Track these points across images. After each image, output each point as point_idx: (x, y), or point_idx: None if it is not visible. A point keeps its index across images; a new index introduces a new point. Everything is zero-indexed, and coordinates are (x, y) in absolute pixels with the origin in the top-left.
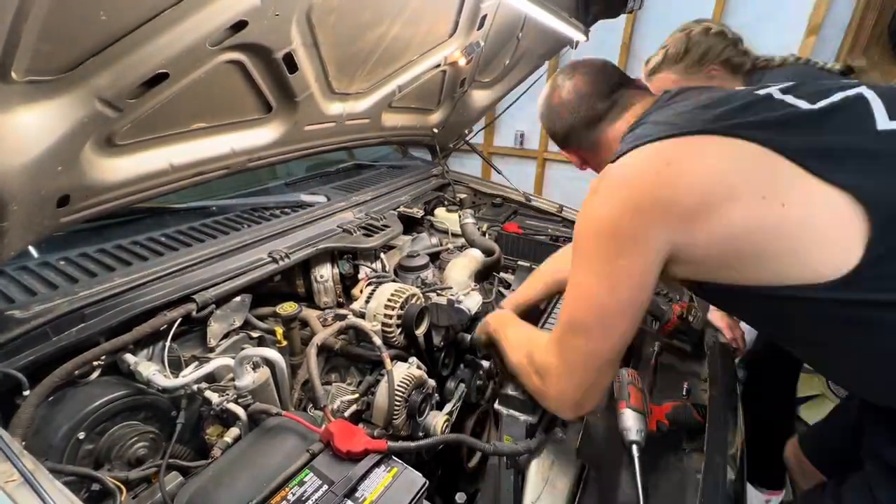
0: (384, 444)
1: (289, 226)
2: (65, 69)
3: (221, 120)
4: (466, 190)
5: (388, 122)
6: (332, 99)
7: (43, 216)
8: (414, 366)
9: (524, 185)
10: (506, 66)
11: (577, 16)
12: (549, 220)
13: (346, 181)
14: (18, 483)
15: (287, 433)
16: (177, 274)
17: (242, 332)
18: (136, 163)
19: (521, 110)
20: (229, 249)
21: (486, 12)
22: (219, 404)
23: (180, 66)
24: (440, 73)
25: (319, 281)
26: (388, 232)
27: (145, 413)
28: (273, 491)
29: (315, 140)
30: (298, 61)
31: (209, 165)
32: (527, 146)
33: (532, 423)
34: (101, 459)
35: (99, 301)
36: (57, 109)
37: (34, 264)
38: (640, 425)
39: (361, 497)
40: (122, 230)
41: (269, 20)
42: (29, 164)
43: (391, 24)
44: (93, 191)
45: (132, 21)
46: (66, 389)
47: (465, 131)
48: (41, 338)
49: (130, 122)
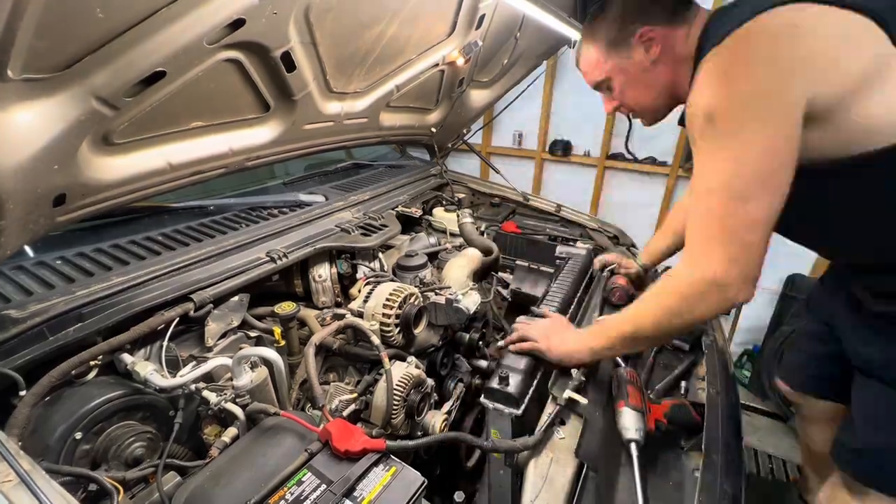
0: (382, 443)
1: (287, 225)
2: (61, 67)
3: (219, 119)
4: (465, 189)
5: (386, 121)
6: (330, 98)
7: (39, 215)
8: (412, 365)
9: (522, 185)
10: (504, 65)
11: (576, 15)
12: (548, 220)
13: (344, 181)
14: (14, 484)
15: (285, 433)
16: (174, 273)
17: (240, 331)
18: (133, 162)
19: (519, 110)
20: (227, 249)
21: (485, 12)
22: (217, 404)
23: (178, 65)
24: (438, 72)
25: (318, 280)
26: (387, 231)
27: (143, 413)
28: (271, 490)
29: (313, 139)
30: (296, 60)
31: (207, 164)
32: (525, 146)
33: (517, 416)
34: (99, 460)
35: (96, 300)
36: (53, 107)
37: (31, 264)
38: (638, 424)
39: (360, 496)
40: (120, 229)
41: (266, 18)
42: (25, 163)
43: (389, 23)
44: (89, 190)
45: (129, 18)
46: (63, 389)
47: (463, 131)
48: (38, 337)
49: (128, 121)
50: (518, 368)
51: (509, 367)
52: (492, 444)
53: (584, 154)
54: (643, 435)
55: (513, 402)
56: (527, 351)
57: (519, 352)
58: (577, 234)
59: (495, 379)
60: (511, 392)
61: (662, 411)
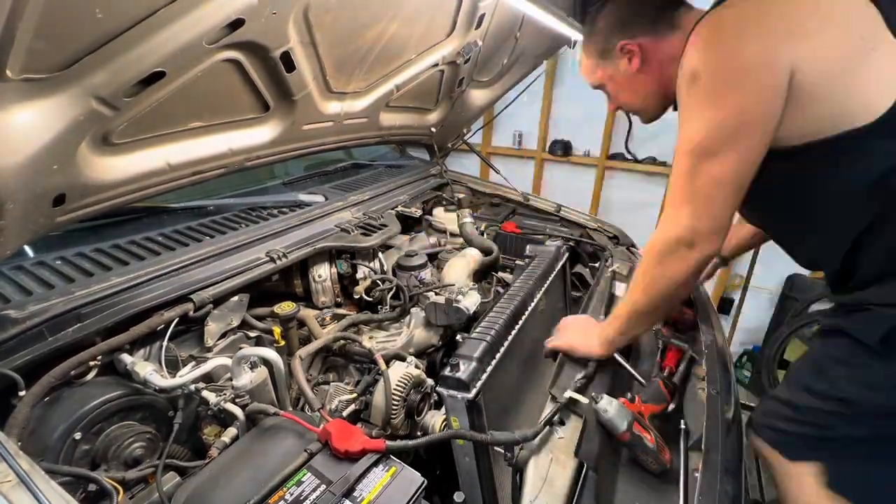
0: (382, 443)
1: (286, 225)
2: (60, 67)
3: (219, 119)
4: (465, 189)
5: (385, 121)
6: (330, 98)
7: (39, 215)
8: (412, 365)
9: (522, 185)
10: (504, 65)
11: (576, 15)
12: (548, 220)
13: (343, 181)
14: (14, 484)
15: (285, 433)
16: (174, 274)
17: (240, 331)
18: (132, 162)
19: (519, 110)
20: (227, 249)
21: (485, 11)
22: (216, 404)
23: (177, 65)
24: (438, 72)
25: (317, 280)
26: (386, 231)
27: (142, 413)
28: (271, 491)
29: (313, 139)
30: (296, 60)
31: (206, 165)
32: (525, 146)
33: (469, 400)
34: (98, 460)
35: (96, 301)
36: (52, 108)
37: (30, 264)
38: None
39: (359, 497)
40: (119, 229)
41: (266, 18)
42: (24, 163)
43: (389, 23)
44: (89, 190)
45: (128, 19)
46: (63, 389)
47: (463, 131)
48: (37, 337)
49: (127, 121)
50: (470, 356)
51: (461, 354)
52: (491, 438)
53: (584, 154)
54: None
55: (464, 387)
56: (560, 349)
57: (555, 350)
58: (577, 234)
59: (447, 367)
60: (461, 377)
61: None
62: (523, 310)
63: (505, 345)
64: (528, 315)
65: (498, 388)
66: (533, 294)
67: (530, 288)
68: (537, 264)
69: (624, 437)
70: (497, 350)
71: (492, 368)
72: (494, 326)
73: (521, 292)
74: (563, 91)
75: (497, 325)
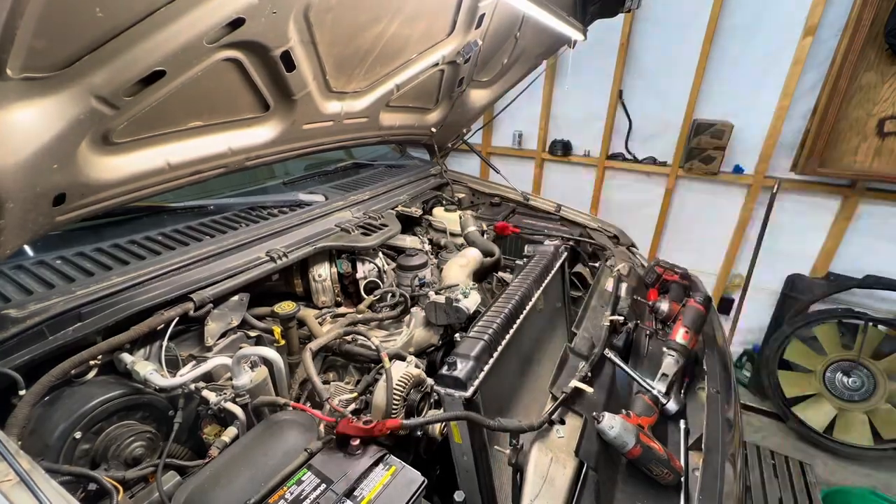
0: (398, 422)
1: (286, 225)
2: (60, 66)
3: (219, 118)
4: (465, 189)
5: (386, 121)
6: (330, 97)
7: (39, 214)
8: (412, 364)
9: (522, 185)
10: (504, 65)
11: (576, 15)
12: (548, 220)
13: (344, 180)
14: (14, 483)
15: (285, 432)
16: (174, 273)
17: (240, 331)
18: (132, 161)
19: (519, 110)
20: (227, 248)
21: (485, 11)
22: (216, 403)
23: (177, 64)
24: (438, 72)
25: (318, 280)
26: (387, 231)
27: (142, 412)
28: (271, 490)
29: (313, 139)
30: (296, 59)
31: (206, 164)
32: (525, 146)
33: (466, 398)
34: (98, 459)
35: (96, 300)
36: (53, 107)
37: (30, 263)
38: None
39: (360, 496)
40: (120, 229)
41: (266, 18)
42: (24, 162)
43: (389, 23)
44: (89, 189)
45: (128, 18)
46: (63, 389)
47: (463, 131)
48: (37, 337)
49: (127, 120)
50: (468, 355)
51: (458, 353)
52: (498, 424)
53: (584, 154)
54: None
55: (461, 386)
56: None
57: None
58: (577, 233)
59: (445, 366)
60: (458, 376)
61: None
62: (521, 309)
63: (503, 344)
64: (526, 314)
65: (495, 387)
66: (531, 293)
67: (528, 287)
68: (535, 264)
69: (635, 452)
70: (495, 349)
71: (489, 367)
72: (492, 325)
73: (518, 291)
74: (563, 91)
75: (494, 324)
